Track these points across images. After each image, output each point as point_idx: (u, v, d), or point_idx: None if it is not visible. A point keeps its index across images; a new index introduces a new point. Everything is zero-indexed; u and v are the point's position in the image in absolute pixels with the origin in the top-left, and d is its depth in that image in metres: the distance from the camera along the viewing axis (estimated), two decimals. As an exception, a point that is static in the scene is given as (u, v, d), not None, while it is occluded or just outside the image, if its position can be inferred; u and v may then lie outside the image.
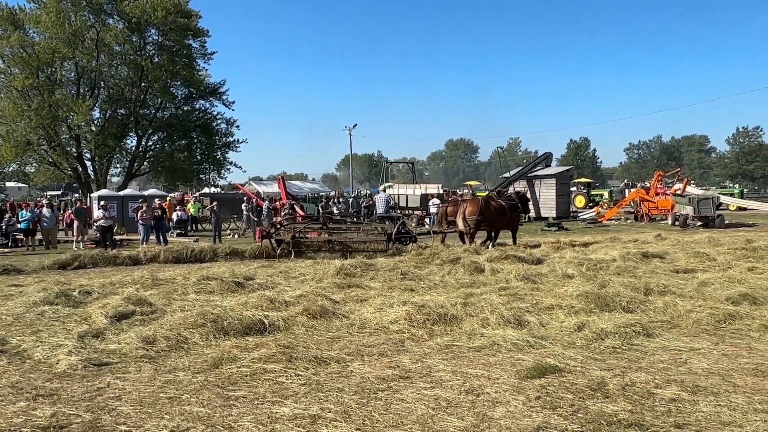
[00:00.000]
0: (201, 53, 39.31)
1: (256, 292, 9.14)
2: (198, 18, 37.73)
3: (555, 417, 4.29)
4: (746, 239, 16.50)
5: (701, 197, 25.80)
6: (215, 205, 21.63)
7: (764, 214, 30.65)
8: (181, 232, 24.39)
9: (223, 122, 40.87)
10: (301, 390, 4.97)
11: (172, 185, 43.01)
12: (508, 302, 8.00)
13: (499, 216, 16.20)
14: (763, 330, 6.60)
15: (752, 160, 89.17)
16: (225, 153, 41.08)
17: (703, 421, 4.19)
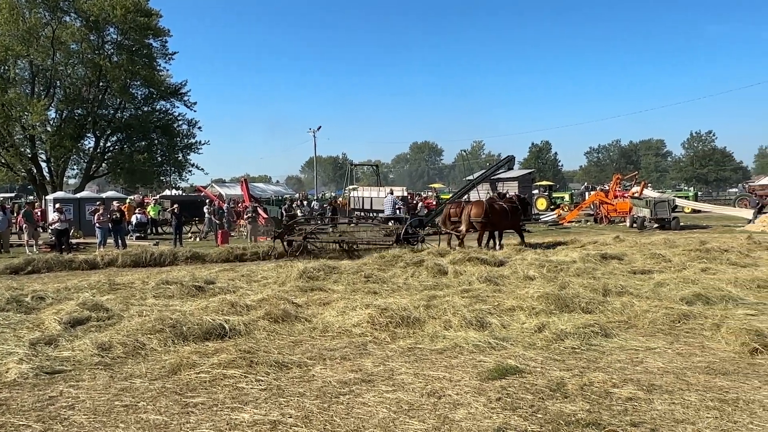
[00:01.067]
0: (162, 53, 38.68)
1: (217, 296, 8.97)
2: (158, 17, 37.11)
3: (515, 418, 4.32)
4: (700, 241, 16.99)
5: (658, 200, 26.52)
6: (176, 207, 21.23)
7: (717, 216, 31.65)
8: (141, 236, 23.90)
9: (185, 123, 40.32)
10: (261, 395, 4.90)
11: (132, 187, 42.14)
12: (470, 304, 8.06)
13: (502, 218, 16.70)
14: (715, 329, 6.78)
15: (706, 164, 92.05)
16: (186, 155, 40.49)
17: (658, 419, 4.29)
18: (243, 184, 28.91)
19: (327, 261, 13.37)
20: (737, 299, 8.63)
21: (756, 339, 6.18)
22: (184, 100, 39.62)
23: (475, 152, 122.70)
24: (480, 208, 16.31)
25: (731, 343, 6.27)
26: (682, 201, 35.25)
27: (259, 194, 39.32)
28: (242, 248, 16.73)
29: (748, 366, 5.61)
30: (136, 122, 37.03)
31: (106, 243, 18.90)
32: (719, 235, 20.78)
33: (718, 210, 32.69)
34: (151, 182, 41.89)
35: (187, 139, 40.46)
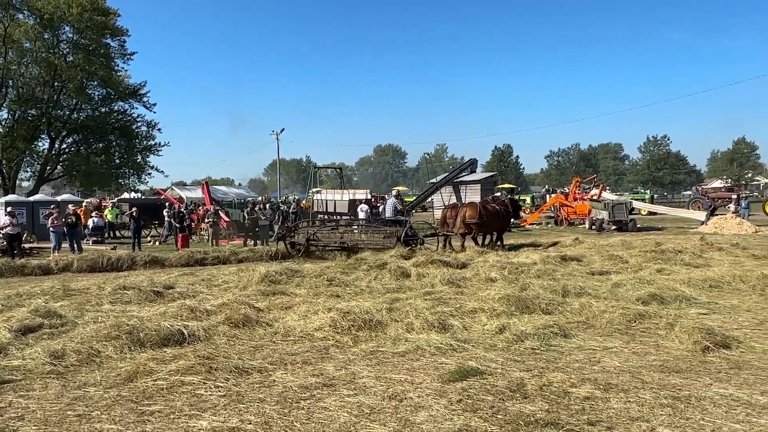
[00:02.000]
0: (120, 53, 37.85)
1: (176, 302, 8.80)
2: (116, 16, 36.31)
3: (475, 419, 4.35)
4: (656, 242, 17.45)
5: (615, 202, 27.17)
6: (134, 210, 20.77)
7: (672, 218, 32.57)
8: (98, 240, 23.29)
9: (144, 125, 39.52)
10: (220, 402, 4.82)
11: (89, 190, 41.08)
12: (432, 306, 8.10)
13: (495, 219, 17.43)
14: (669, 328, 6.96)
15: (661, 167, 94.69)
16: (146, 157, 39.68)
17: (614, 417, 4.37)
18: (204, 187, 28.48)
19: (290, 264, 13.26)
20: (690, 299, 8.90)
21: (707, 337, 6.37)
22: (144, 101, 38.85)
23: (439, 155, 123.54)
24: (474, 210, 16.97)
25: (684, 341, 6.44)
26: (638, 203, 36.15)
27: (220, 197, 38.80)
28: (203, 252, 16.46)
29: (700, 364, 5.77)
30: (93, 123, 36.11)
31: (60, 247, 18.36)
32: (674, 237, 21.39)
33: (673, 212, 33.64)
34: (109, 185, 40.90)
35: (147, 140, 39.66)
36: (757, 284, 9.90)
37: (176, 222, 21.53)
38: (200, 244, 22.01)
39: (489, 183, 33.68)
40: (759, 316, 7.95)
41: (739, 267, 11.94)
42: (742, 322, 7.63)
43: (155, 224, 27.46)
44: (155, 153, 39.98)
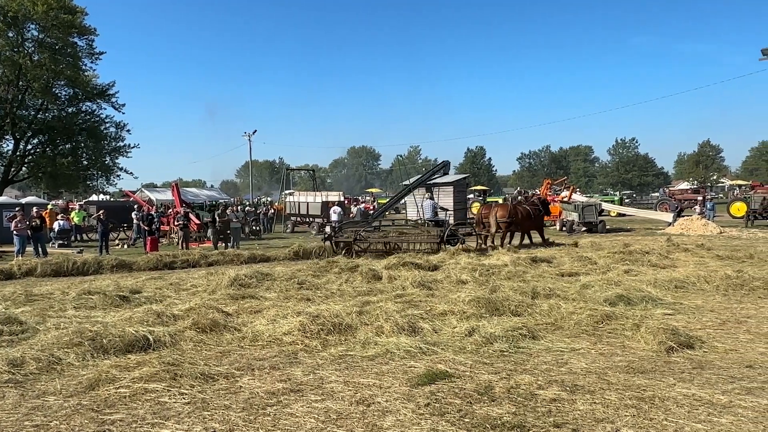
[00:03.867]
0: (88, 52, 37.01)
1: (143, 306, 8.64)
2: (84, 15, 35.50)
3: (443, 423, 4.34)
4: (624, 243, 17.76)
5: (585, 204, 27.54)
6: (102, 213, 20.37)
7: (640, 219, 33.14)
8: (64, 243, 22.77)
9: (113, 126, 38.71)
10: (184, 409, 4.73)
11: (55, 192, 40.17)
12: (402, 309, 8.08)
13: (526, 219, 18.32)
14: (635, 329, 7.05)
15: (630, 169, 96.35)
16: (115, 158, 38.89)
17: (580, 419, 4.40)
18: (174, 189, 28.03)
19: (260, 267, 13.14)
20: (656, 300, 9.05)
21: (672, 338, 6.47)
22: (112, 102, 38.06)
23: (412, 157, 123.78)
24: (505, 210, 17.99)
25: (650, 342, 6.54)
26: (608, 205, 36.70)
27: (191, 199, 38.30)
28: (172, 255, 16.21)
29: (665, 364, 5.86)
30: (60, 124, 35.28)
31: (24, 251, 17.91)
32: (641, 238, 21.77)
33: (641, 214, 34.22)
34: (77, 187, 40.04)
35: (116, 142, 38.85)
36: (720, 285, 10.12)
37: (145, 225, 21.16)
38: (171, 247, 21.68)
39: (462, 185, 33.78)
40: (722, 316, 8.12)
41: (704, 268, 12.19)
42: (706, 322, 7.78)
43: (124, 227, 26.97)
44: (124, 155, 39.23)
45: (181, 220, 20.83)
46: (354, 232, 17.25)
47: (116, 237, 25.74)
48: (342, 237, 17.36)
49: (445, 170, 34.73)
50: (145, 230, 21.16)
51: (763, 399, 4.76)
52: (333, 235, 17.62)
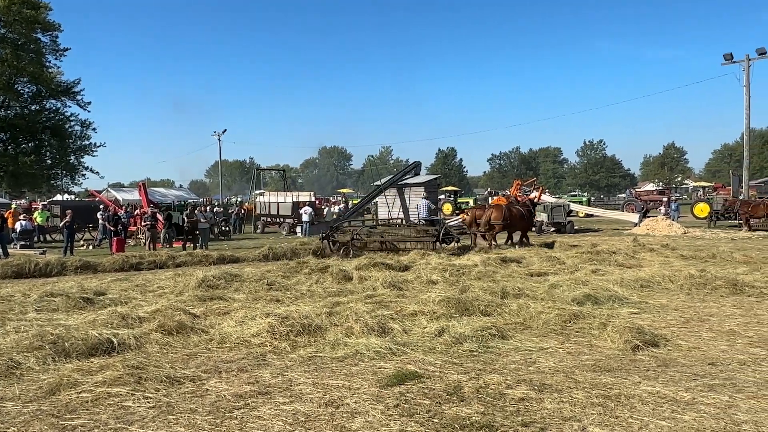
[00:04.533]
0: (52, 49, 36.23)
1: (107, 309, 8.45)
2: (48, 10, 34.73)
3: (412, 424, 4.33)
4: (591, 243, 18.04)
5: (554, 205, 27.93)
6: (68, 214, 19.89)
7: (607, 220, 33.72)
8: (26, 244, 22.14)
9: (78, 124, 37.96)
10: (149, 414, 4.62)
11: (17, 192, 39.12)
12: (373, 310, 8.04)
13: (519, 220, 18.78)
14: (602, 328, 7.15)
15: (598, 170, 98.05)
16: (80, 157, 38.13)
17: (547, 417, 4.43)
18: (141, 189, 27.55)
19: (229, 268, 12.98)
20: (623, 299, 9.19)
21: (638, 336, 6.57)
22: (77, 100, 37.31)
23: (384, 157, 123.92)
24: (500, 211, 18.23)
25: (616, 341, 6.63)
26: (576, 206, 37.27)
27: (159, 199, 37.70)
28: (139, 256, 15.90)
29: (630, 362, 5.94)
30: (22, 122, 34.42)
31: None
32: (609, 238, 22.15)
33: (608, 214, 34.81)
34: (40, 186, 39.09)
35: (81, 140, 38.11)
36: (684, 284, 10.34)
37: (111, 225, 20.73)
38: (137, 248, 21.28)
39: (433, 185, 33.88)
40: (685, 314, 8.29)
41: (669, 267, 12.44)
42: (670, 320, 7.93)
43: (89, 227, 26.39)
44: (90, 153, 38.51)
45: (149, 221, 20.45)
46: (351, 232, 17.51)
47: (81, 238, 25.17)
48: (339, 236, 17.53)
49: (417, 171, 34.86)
50: (110, 231, 20.73)
51: (725, 395, 4.86)
52: (330, 235, 17.74)
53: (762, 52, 31.75)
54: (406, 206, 32.04)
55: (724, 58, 33.01)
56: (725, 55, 32.93)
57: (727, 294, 9.69)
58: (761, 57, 31.91)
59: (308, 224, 26.63)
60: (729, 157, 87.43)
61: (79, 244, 23.56)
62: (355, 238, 17.31)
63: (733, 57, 32.73)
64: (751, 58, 32.06)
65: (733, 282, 10.17)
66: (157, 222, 21.25)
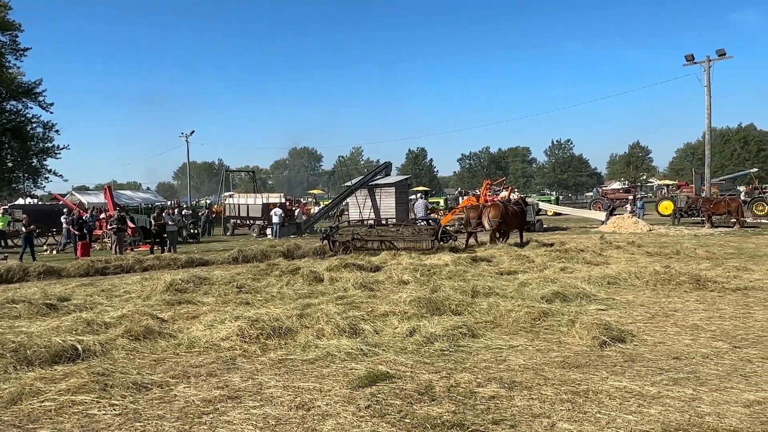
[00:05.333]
0: (12, 48, 35.25)
1: (72, 315, 8.25)
2: (8, 10, 33.82)
3: (383, 425, 4.32)
4: (560, 241, 18.30)
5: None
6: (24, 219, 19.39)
7: (575, 218, 34.25)
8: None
9: (40, 126, 37.01)
10: (115, 421, 4.53)
11: (-24, 196, 38.02)
12: (344, 311, 8.01)
13: (514, 218, 19.22)
14: (570, 325, 7.25)
15: (566, 170, 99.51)
16: (42, 160, 37.20)
17: (518, 415, 4.47)
18: (107, 192, 27.01)
19: (198, 271, 12.80)
20: (590, 296, 9.35)
21: (605, 332, 6.69)
22: (39, 101, 36.36)
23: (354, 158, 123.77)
24: (497, 210, 18.58)
25: (584, 337, 6.73)
26: (545, 205, 37.75)
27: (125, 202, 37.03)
28: (104, 261, 15.58)
29: (598, 358, 6.04)
30: (-19, 124, 33.48)
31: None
32: (577, 236, 22.49)
33: (577, 213, 35.38)
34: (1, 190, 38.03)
35: (43, 143, 37.16)
36: (649, 280, 10.55)
37: (75, 229, 20.28)
38: (103, 252, 20.85)
39: (403, 186, 34.02)
40: (651, 310, 8.46)
41: (635, 264, 12.70)
42: (636, 316, 8.08)
43: (53, 231, 25.78)
44: (53, 156, 37.57)
45: (115, 224, 20.06)
46: (351, 232, 18.07)
47: (44, 242, 24.57)
48: (339, 236, 18.10)
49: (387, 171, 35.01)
50: (75, 235, 20.28)
51: (689, 389, 4.97)
52: (330, 235, 18.26)
53: (722, 54, 32.61)
54: (377, 207, 32.11)
55: (686, 59, 33.80)
56: (687, 56, 33.72)
57: (691, 289, 9.93)
58: (721, 58, 32.78)
59: (278, 226, 26.47)
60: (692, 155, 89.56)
61: (43, 248, 23.01)
62: (356, 237, 17.81)
63: (694, 58, 33.53)
64: (712, 59, 32.89)
65: (696, 278, 10.42)
66: (125, 225, 20.86)
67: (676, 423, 4.23)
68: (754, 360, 5.87)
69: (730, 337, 6.82)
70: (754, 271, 11.41)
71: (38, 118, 37.23)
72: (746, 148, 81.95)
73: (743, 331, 7.09)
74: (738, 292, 9.67)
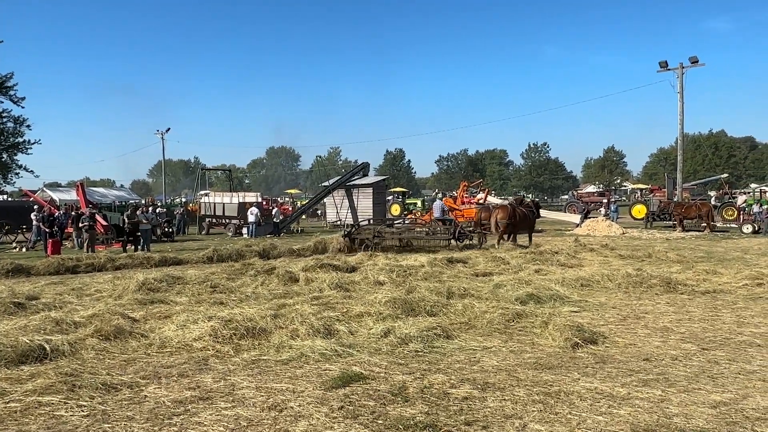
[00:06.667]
0: (-19, 42, 34.44)
1: (40, 314, 8.09)
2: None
3: (356, 426, 4.31)
4: (535, 243, 18.47)
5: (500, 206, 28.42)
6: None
7: (551, 221, 34.58)
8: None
9: (10, 120, 36.20)
10: (82, 423, 4.44)
11: (-57, 192, 37.06)
12: (319, 312, 7.99)
13: (523, 220, 19.43)
14: (543, 326, 7.32)
15: (542, 173, 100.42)
16: (13, 155, 36.38)
17: (490, 416, 4.50)
18: (79, 189, 26.53)
19: (172, 271, 12.63)
20: (564, 298, 9.45)
21: (577, 334, 6.76)
22: (10, 95, 35.57)
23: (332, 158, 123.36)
24: (505, 212, 18.96)
25: (557, 339, 6.79)
26: (521, 207, 37.97)
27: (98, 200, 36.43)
28: (75, 259, 15.29)
29: (570, 360, 6.10)
30: (-51, 118, 32.63)
31: None
32: (552, 239, 22.72)
33: (552, 215, 35.74)
34: (-32, 186, 37.14)
35: (14, 137, 36.35)
36: (622, 282, 10.70)
37: (46, 226, 19.87)
38: (74, 250, 20.47)
39: (381, 186, 34.07)
40: (623, 312, 8.58)
41: (607, 266, 12.87)
42: (608, 318, 8.19)
43: (23, 229, 25.24)
44: (24, 151, 36.77)
45: (87, 222, 19.69)
46: (373, 230, 18.86)
47: (13, 240, 24.04)
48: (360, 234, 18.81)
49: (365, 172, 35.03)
50: (45, 232, 19.88)
51: (658, 390, 5.04)
52: (351, 233, 18.90)
53: (694, 61, 33.22)
54: (355, 207, 32.09)
55: (660, 65, 34.39)
56: (660, 62, 34.31)
57: (662, 292, 10.09)
58: (694, 65, 33.40)
59: (254, 225, 26.27)
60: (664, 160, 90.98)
61: (12, 246, 22.53)
62: (377, 235, 18.47)
63: (668, 65, 34.12)
64: (685, 66, 33.51)
65: (667, 281, 10.59)
66: (96, 223, 20.50)
67: (644, 424, 4.29)
68: (721, 362, 5.99)
69: (699, 339, 6.94)
70: (722, 274, 11.63)
71: (9, 112, 36.46)
72: (717, 154, 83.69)
73: (711, 334, 7.23)
74: (707, 295, 9.86)
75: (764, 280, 10.67)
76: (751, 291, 10.09)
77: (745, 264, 14.00)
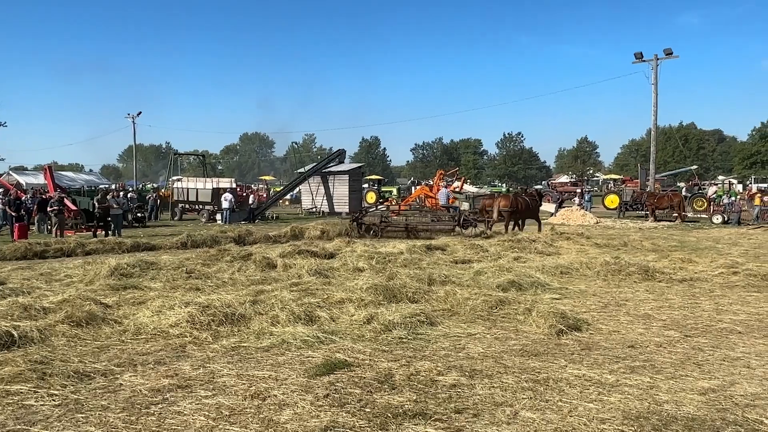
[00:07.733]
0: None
1: (7, 299, 7.73)
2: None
3: (343, 414, 4.17)
4: (512, 231, 18.48)
5: (476, 195, 28.53)
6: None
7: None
8: None
9: (-27, 101, 34.97)
10: (54, 413, 4.22)
11: None
12: (299, 298, 7.81)
13: (526, 209, 19.65)
14: (527, 313, 7.26)
15: (516, 162, 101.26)
16: (-24, 138, 35.22)
17: (480, 403, 4.40)
18: (47, 172, 25.78)
19: (145, 256, 12.29)
20: (545, 285, 9.42)
21: (561, 321, 6.72)
22: (-27, 75, 34.44)
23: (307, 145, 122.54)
24: (508, 200, 19.22)
25: (541, 326, 6.74)
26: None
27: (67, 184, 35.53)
28: (44, 243, 14.81)
29: (556, 346, 6.05)
30: None
31: None
32: (528, 226, 22.78)
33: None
34: (-70, 169, 35.88)
35: (-23, 119, 35.22)
36: (600, 270, 10.72)
37: (12, 210, 19.24)
38: (42, 234, 19.88)
39: (357, 174, 33.86)
40: (603, 299, 8.58)
41: (585, 255, 12.90)
42: (590, 305, 8.17)
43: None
44: (-12, 133, 35.67)
45: (56, 206, 19.12)
46: (379, 216, 19.31)
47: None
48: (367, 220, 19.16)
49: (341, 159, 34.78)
50: (12, 216, 19.25)
51: (645, 377, 5.01)
52: (358, 218, 19.19)
53: (669, 53, 33.55)
54: (330, 194, 31.85)
55: (635, 57, 34.64)
56: (636, 54, 34.57)
57: (640, 280, 10.14)
58: (668, 57, 33.72)
59: (228, 211, 25.86)
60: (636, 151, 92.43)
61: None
62: (384, 220, 18.81)
63: (643, 56, 34.40)
64: (660, 58, 33.82)
65: (644, 269, 10.65)
66: (64, 207, 19.92)
67: (636, 411, 4.24)
68: (705, 348, 6.00)
69: (681, 326, 6.95)
70: (697, 263, 11.75)
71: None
72: (687, 146, 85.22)
73: (692, 321, 7.25)
74: (684, 283, 9.93)
75: (739, 268, 10.79)
76: (727, 279, 10.20)
77: (717, 253, 14.20)
